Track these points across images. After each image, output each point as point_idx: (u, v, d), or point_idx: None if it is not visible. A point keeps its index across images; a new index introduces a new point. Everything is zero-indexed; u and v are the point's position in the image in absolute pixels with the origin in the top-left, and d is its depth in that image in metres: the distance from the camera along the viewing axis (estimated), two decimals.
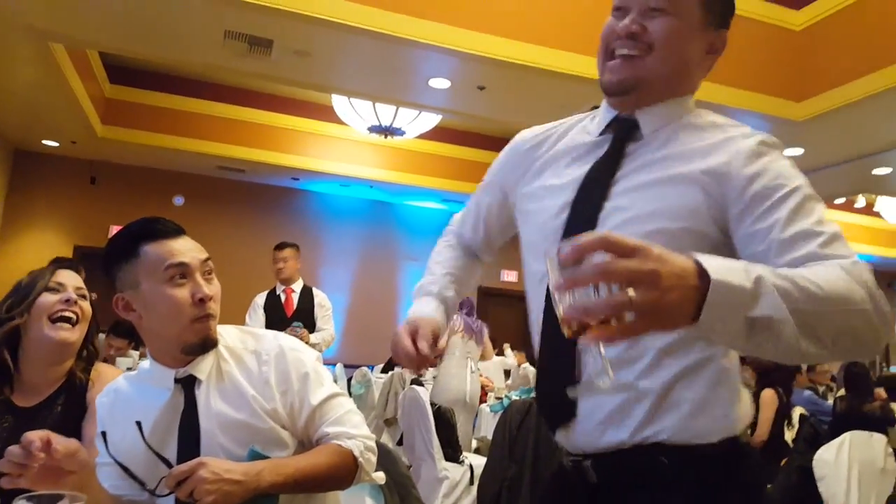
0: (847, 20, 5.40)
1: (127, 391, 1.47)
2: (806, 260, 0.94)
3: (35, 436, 1.19)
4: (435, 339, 1.24)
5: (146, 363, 1.49)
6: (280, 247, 5.14)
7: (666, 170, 1.10)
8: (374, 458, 1.46)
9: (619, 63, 1.16)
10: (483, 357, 5.89)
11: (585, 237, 0.75)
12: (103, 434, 1.40)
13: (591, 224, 1.10)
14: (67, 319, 1.71)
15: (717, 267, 0.78)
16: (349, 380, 6.96)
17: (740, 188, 1.04)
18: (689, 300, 0.77)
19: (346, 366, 7.67)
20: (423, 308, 1.33)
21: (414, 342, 1.20)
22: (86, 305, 1.77)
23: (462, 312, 5.55)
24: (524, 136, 1.35)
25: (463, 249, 1.49)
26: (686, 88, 1.19)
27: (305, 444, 1.46)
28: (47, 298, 1.70)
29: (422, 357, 1.19)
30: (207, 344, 1.41)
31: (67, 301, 1.72)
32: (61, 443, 1.21)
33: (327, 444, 1.42)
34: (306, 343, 4.63)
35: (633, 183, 1.11)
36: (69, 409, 1.71)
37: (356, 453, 1.41)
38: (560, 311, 0.76)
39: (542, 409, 1.21)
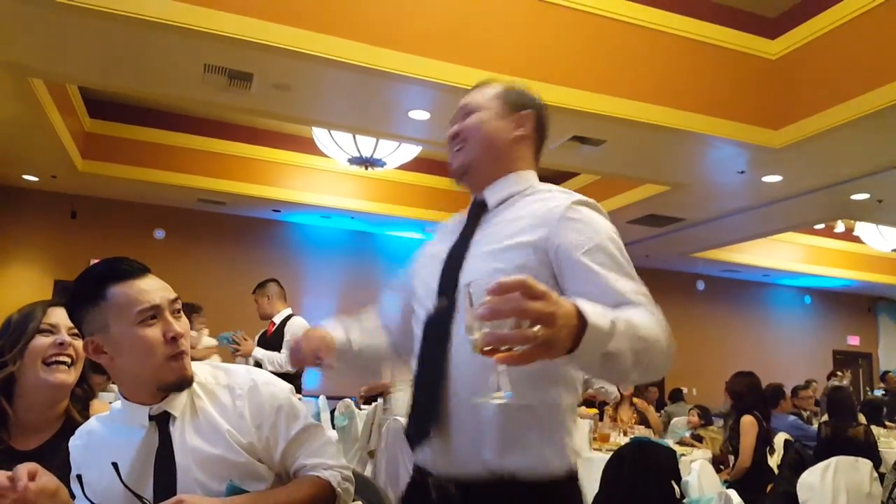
0: (822, 49, 5.52)
1: (100, 432, 1.45)
2: (620, 303, 1.19)
3: (24, 469, 1.21)
4: (321, 341, 1.46)
5: (118, 403, 1.47)
6: (254, 290, 5.28)
7: (504, 238, 1.34)
8: (352, 489, 1.46)
9: (452, 156, 1.50)
10: None
11: (508, 280, 0.92)
12: (79, 477, 1.38)
13: (452, 282, 1.35)
14: (62, 362, 1.68)
15: (591, 312, 1.00)
16: (332, 411, 6.88)
17: (555, 249, 1.28)
18: (569, 337, 0.97)
19: (328, 397, 7.57)
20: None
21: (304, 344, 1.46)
22: (79, 345, 1.70)
23: None
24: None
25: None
26: (516, 164, 1.47)
27: (283, 476, 1.45)
28: (40, 341, 1.66)
29: (298, 356, 1.46)
30: (184, 382, 1.40)
31: (62, 344, 1.68)
32: (42, 479, 1.21)
33: (305, 476, 1.42)
34: (248, 355, 4.72)
35: (480, 249, 1.37)
36: None
37: (334, 483, 1.41)
38: (476, 335, 0.95)
39: (410, 429, 1.43)
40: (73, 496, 1.36)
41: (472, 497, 1.29)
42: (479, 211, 1.46)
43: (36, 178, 8.43)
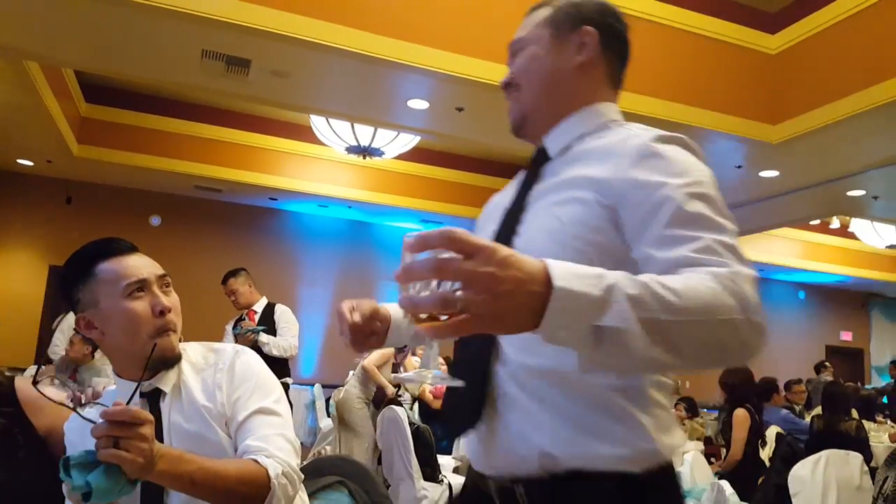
0: (822, 44, 5.51)
1: (94, 414, 1.45)
2: (678, 265, 0.92)
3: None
4: (374, 314, 1.23)
5: (112, 386, 1.50)
6: (223, 281, 5.18)
7: (563, 188, 1.11)
8: (291, 490, 1.34)
9: (509, 107, 1.28)
10: None
11: (431, 231, 0.75)
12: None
13: (509, 244, 1.11)
14: None
15: (565, 273, 0.77)
16: (328, 400, 6.89)
17: (625, 192, 1.03)
18: (527, 306, 0.76)
19: (324, 385, 7.60)
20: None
21: (351, 314, 1.20)
22: None
23: None
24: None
25: None
26: (584, 97, 1.21)
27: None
28: None
29: (354, 325, 1.19)
30: (169, 360, 1.42)
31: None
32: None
33: (243, 459, 1.34)
34: (255, 338, 4.71)
35: (539, 203, 1.15)
36: None
37: (271, 473, 1.30)
38: (399, 298, 0.78)
39: (448, 414, 1.21)
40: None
41: (539, 498, 1.06)
42: (539, 160, 1.22)
43: (31, 163, 8.39)
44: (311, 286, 9.95)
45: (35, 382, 1.36)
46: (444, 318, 0.75)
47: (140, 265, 1.42)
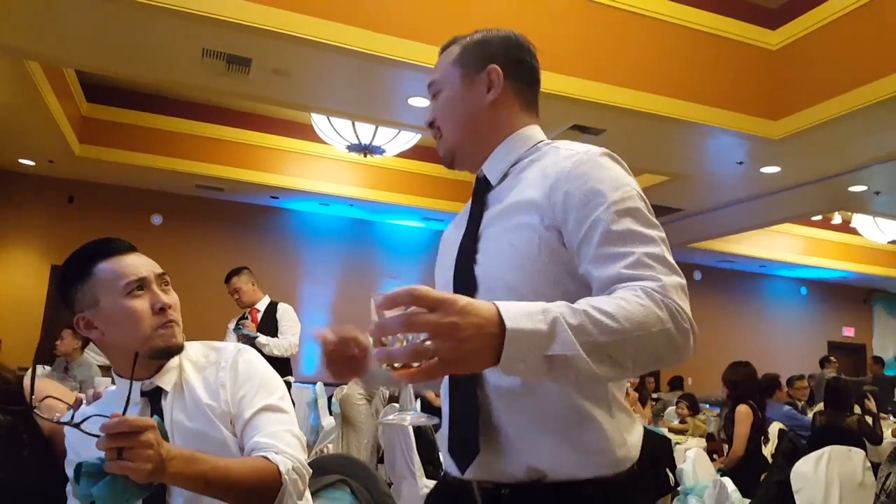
0: (822, 40, 5.51)
1: (96, 416, 1.45)
2: (613, 282, 1.02)
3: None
4: (352, 340, 1.25)
5: (113, 387, 1.51)
6: (226, 279, 5.16)
7: (512, 213, 1.17)
8: (301, 484, 1.36)
9: (438, 145, 1.33)
10: None
11: (396, 290, 0.84)
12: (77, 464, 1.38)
13: (469, 282, 1.18)
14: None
15: (515, 314, 0.87)
16: (329, 398, 6.90)
17: (562, 215, 1.10)
18: (488, 346, 0.85)
19: (326, 384, 7.59)
20: None
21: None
22: None
23: None
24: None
25: None
26: (501, 131, 1.27)
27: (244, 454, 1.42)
28: None
29: (328, 346, 1.22)
30: (173, 348, 1.42)
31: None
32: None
33: (254, 457, 1.34)
34: (254, 337, 4.70)
35: (491, 231, 1.20)
36: None
37: (282, 469, 1.31)
38: (373, 351, 0.88)
39: (452, 451, 1.21)
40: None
41: (519, 499, 1.13)
42: (483, 188, 1.28)
43: (32, 163, 8.40)
44: (312, 284, 9.95)
45: (32, 409, 1.34)
46: (415, 364, 0.85)
47: (139, 264, 1.43)
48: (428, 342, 0.83)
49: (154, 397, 1.41)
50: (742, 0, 5.95)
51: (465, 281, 1.19)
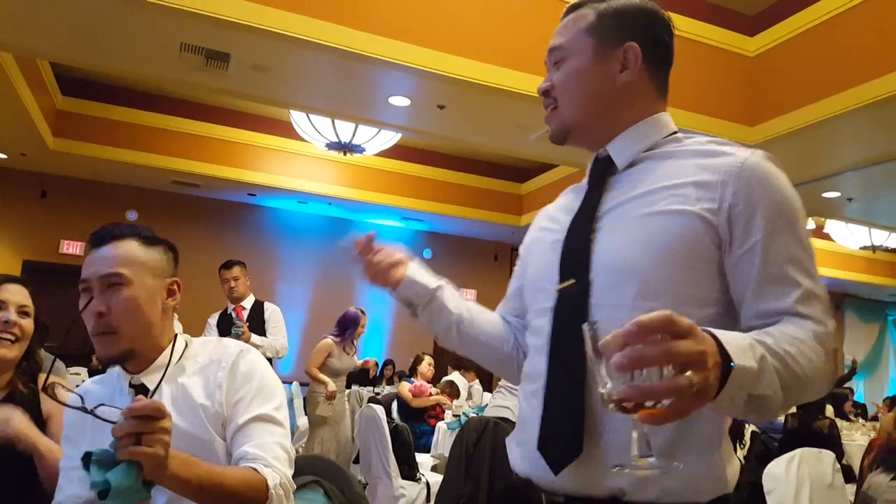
0: (800, 47, 5.57)
1: (96, 393, 1.43)
2: (782, 313, 0.97)
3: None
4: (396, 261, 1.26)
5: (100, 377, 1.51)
6: (228, 265, 5.03)
7: (653, 202, 1.06)
8: (285, 500, 1.34)
9: (547, 117, 1.21)
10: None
11: (650, 316, 0.74)
12: (69, 438, 1.41)
13: (583, 258, 1.08)
14: (5, 339, 1.74)
15: (735, 349, 0.81)
16: (305, 398, 6.86)
17: (729, 215, 1.02)
18: (717, 379, 0.78)
19: (302, 384, 7.54)
20: None
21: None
22: (27, 323, 1.78)
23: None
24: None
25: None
26: (630, 114, 1.16)
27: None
28: None
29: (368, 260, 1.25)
30: (106, 359, 1.37)
31: (6, 322, 1.74)
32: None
33: (243, 467, 1.32)
34: (247, 342, 4.61)
35: (617, 216, 1.10)
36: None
37: (270, 483, 1.29)
38: (610, 388, 0.76)
39: (547, 448, 1.10)
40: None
41: None
42: (604, 169, 1.17)
43: (4, 156, 8.26)
44: (290, 283, 9.90)
45: (44, 389, 1.36)
46: (648, 404, 0.75)
47: (89, 263, 1.38)
48: (688, 373, 0.74)
49: (142, 392, 1.39)
50: (719, 6, 6.01)
51: (577, 260, 1.08)
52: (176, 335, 1.46)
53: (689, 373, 0.73)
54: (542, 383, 1.11)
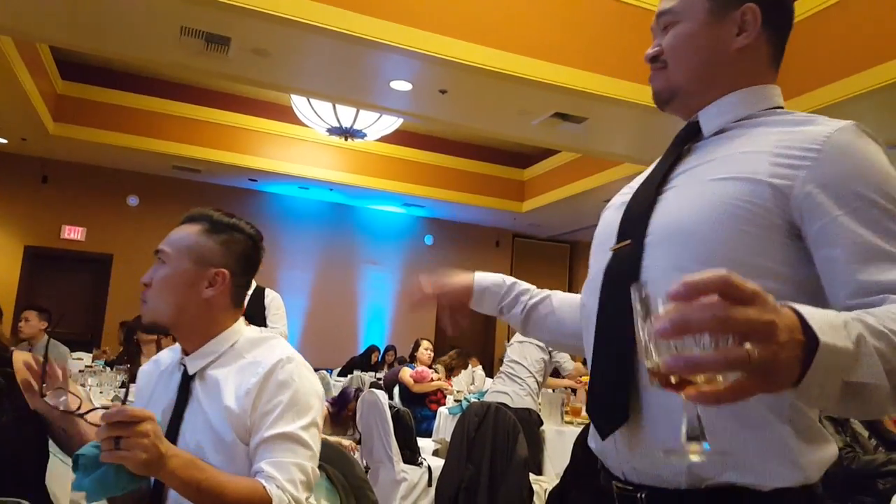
0: (793, 37, 5.53)
1: (166, 360, 1.54)
2: (884, 290, 0.85)
3: None
4: (453, 290, 1.31)
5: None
6: None
7: (723, 169, 0.99)
8: None
9: (651, 76, 1.16)
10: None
11: (702, 275, 0.62)
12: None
13: (642, 220, 1.03)
14: None
15: (822, 325, 0.68)
16: None
17: (804, 195, 0.92)
18: (796, 360, 0.66)
19: None
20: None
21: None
22: None
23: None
24: None
25: None
26: (739, 81, 1.08)
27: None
28: None
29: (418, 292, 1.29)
30: (142, 325, 1.47)
31: None
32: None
33: (253, 479, 1.31)
34: None
35: (685, 180, 1.03)
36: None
37: (275, 503, 1.28)
38: (655, 358, 0.65)
39: (593, 411, 1.07)
40: None
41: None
42: (688, 135, 1.11)
43: (5, 141, 8.24)
44: (291, 269, 9.90)
45: (43, 395, 1.39)
46: (699, 379, 0.64)
47: (168, 237, 1.49)
48: (746, 345, 0.62)
49: (185, 374, 1.44)
50: None
51: (636, 221, 1.03)
52: (230, 327, 1.45)
53: (747, 344, 0.62)
54: (591, 344, 1.08)
